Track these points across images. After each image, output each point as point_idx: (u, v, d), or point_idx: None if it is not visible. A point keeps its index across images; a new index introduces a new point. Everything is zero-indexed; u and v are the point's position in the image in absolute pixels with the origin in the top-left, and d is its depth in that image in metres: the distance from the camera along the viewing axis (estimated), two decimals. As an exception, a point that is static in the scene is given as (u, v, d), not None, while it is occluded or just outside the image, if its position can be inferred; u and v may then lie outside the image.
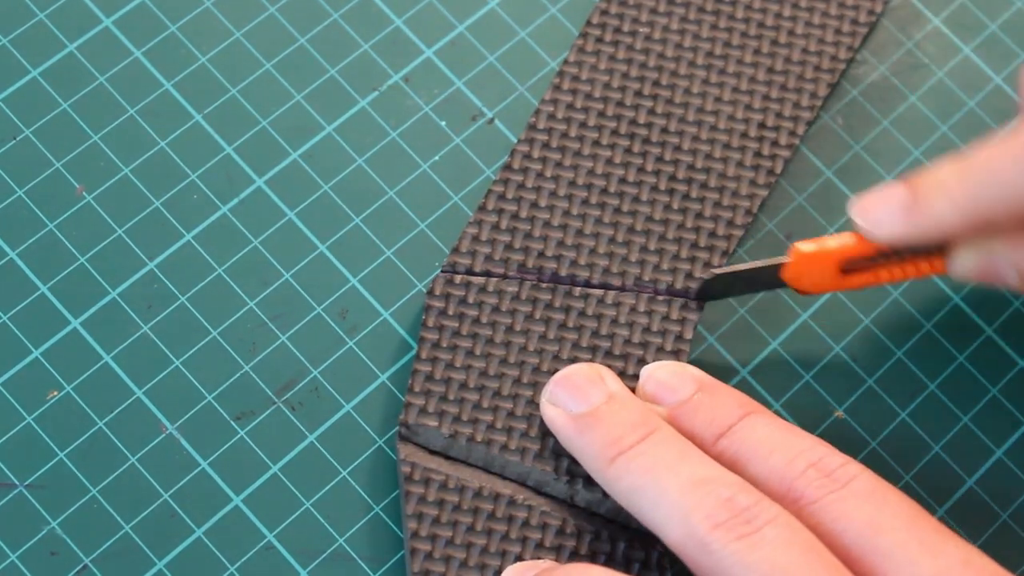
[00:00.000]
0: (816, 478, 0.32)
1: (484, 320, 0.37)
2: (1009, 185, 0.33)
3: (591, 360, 0.37)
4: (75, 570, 0.35)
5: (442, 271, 0.37)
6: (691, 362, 0.37)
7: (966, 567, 0.31)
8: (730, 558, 0.31)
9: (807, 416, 0.39)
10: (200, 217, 0.39)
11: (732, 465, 0.33)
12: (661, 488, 0.32)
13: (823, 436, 0.39)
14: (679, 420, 0.35)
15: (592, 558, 0.35)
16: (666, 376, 0.36)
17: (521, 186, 0.38)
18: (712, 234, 0.38)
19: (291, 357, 0.38)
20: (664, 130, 0.39)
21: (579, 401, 0.35)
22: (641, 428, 0.34)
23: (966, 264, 0.36)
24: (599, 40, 0.40)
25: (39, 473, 0.36)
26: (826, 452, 0.33)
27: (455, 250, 0.37)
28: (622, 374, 0.36)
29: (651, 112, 0.39)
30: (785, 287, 0.37)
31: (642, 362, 0.37)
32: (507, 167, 0.38)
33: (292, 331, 0.38)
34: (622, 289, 0.37)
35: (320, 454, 0.37)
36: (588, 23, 0.40)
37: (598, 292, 0.37)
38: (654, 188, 0.38)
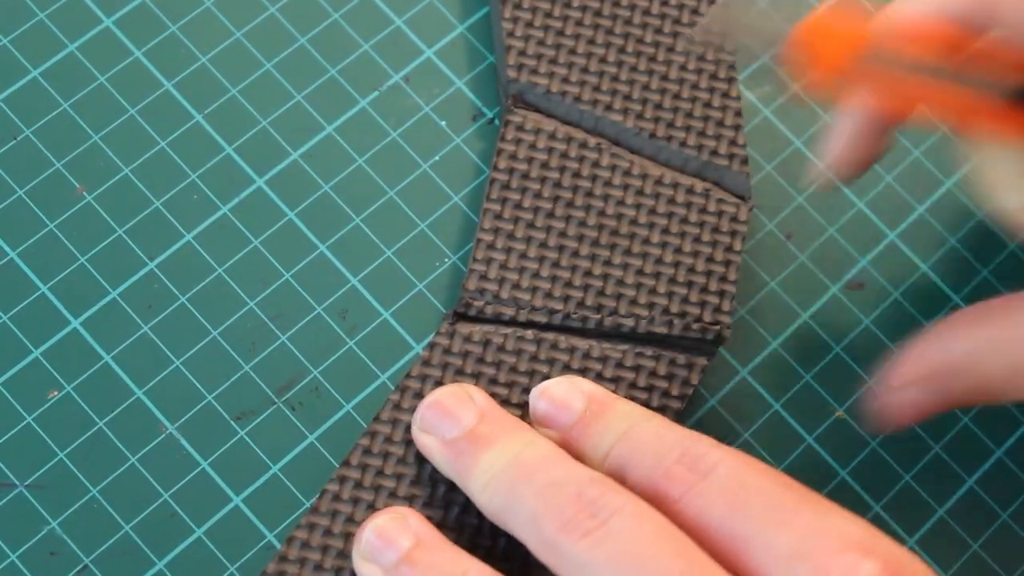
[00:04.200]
0: (680, 473, 0.32)
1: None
2: None
3: None
4: (75, 570, 0.35)
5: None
6: (691, 362, 0.37)
7: (814, 537, 0.30)
8: (577, 558, 0.31)
9: (807, 416, 0.39)
10: (200, 217, 0.39)
11: (616, 479, 0.33)
12: (521, 498, 0.32)
13: (823, 436, 0.39)
14: (570, 444, 0.34)
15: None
16: (560, 393, 0.35)
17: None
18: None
19: (291, 357, 0.38)
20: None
21: (451, 426, 0.34)
22: (513, 447, 0.34)
23: None
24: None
25: (39, 473, 0.36)
26: (692, 443, 0.33)
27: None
28: None
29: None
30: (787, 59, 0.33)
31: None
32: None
33: (292, 331, 0.38)
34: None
35: (320, 454, 0.37)
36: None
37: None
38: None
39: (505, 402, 0.36)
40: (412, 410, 0.36)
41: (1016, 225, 0.34)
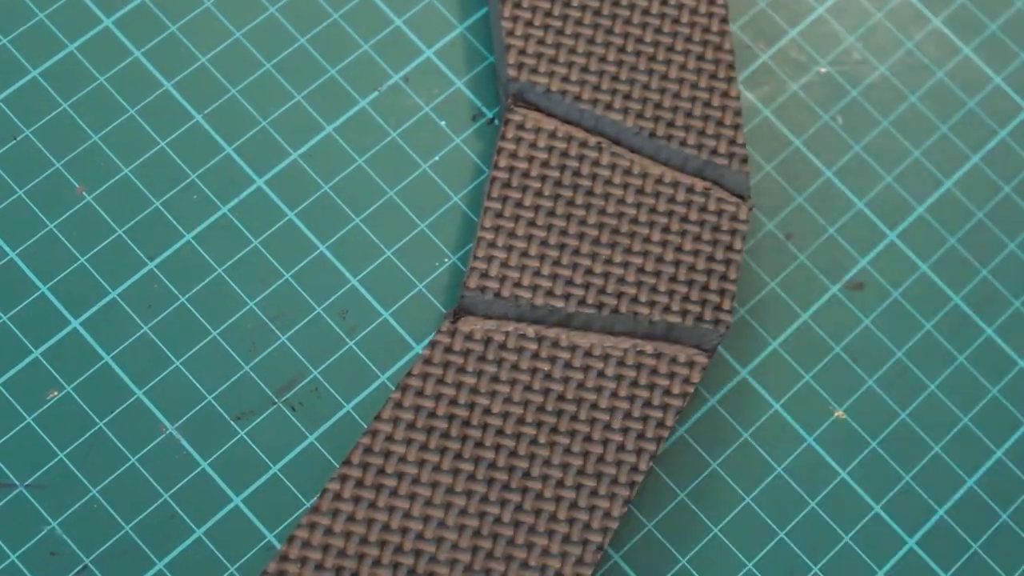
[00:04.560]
0: None
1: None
2: None
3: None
4: (75, 570, 0.35)
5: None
6: (691, 362, 0.37)
7: None
8: None
9: (807, 416, 0.39)
10: (200, 217, 0.39)
11: None
12: None
13: (823, 436, 0.39)
14: None
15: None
16: None
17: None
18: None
19: (291, 357, 0.38)
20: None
21: None
22: None
23: None
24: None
25: (39, 473, 0.36)
26: None
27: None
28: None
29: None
30: None
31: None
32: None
33: (292, 331, 0.38)
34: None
35: (320, 454, 0.37)
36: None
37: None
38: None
39: (507, 400, 0.36)
40: (414, 408, 0.36)
41: None
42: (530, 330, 0.37)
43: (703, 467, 0.39)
